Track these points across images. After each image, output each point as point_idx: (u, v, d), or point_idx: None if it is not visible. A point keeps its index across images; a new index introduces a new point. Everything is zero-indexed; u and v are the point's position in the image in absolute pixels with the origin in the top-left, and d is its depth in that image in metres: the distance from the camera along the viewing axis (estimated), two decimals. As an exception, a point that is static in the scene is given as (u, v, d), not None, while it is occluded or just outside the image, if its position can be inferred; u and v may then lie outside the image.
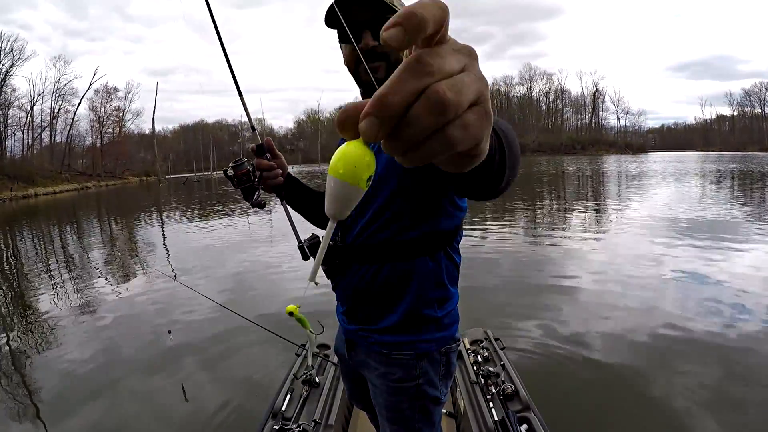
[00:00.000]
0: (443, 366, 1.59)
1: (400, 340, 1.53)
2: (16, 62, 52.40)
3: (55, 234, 17.20)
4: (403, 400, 1.56)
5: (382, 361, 1.57)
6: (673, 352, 4.45)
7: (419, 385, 1.54)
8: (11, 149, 56.07)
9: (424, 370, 1.54)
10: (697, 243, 8.92)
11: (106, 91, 69.88)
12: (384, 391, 1.58)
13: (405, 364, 1.54)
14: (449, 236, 1.53)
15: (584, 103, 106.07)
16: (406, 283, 1.51)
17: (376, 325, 1.57)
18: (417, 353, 1.53)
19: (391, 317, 1.53)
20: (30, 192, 42.85)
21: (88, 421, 3.72)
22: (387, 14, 1.39)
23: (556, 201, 18.65)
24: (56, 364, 4.78)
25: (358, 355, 1.68)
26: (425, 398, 1.56)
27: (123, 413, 3.78)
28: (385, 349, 1.55)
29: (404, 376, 1.54)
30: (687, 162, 46.31)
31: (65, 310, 6.67)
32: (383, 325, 1.55)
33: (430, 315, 1.53)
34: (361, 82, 1.52)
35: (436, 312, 1.54)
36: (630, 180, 27.47)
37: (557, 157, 70.90)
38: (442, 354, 1.58)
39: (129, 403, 3.93)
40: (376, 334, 1.56)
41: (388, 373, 1.56)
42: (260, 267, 8.50)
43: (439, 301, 1.55)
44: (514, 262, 8.25)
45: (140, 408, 3.86)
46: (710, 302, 5.64)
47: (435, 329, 1.55)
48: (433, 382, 1.56)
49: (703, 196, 17.60)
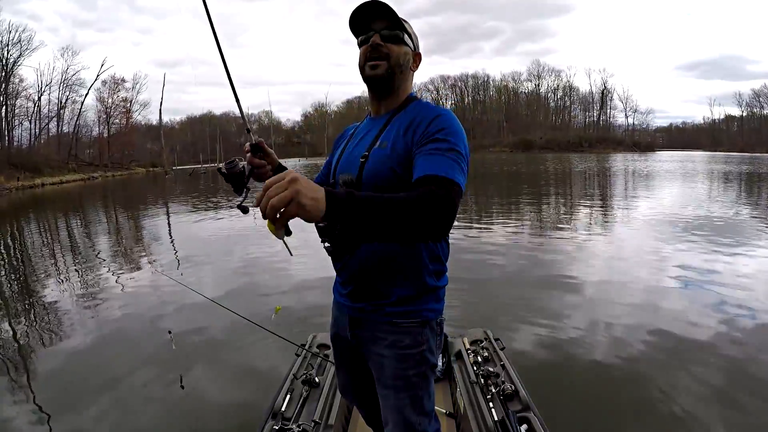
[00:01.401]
0: (439, 336, 1.81)
1: (409, 310, 1.72)
2: (24, 52, 52.51)
3: (60, 224, 17.27)
4: (409, 366, 1.73)
5: (392, 331, 1.74)
6: (675, 353, 4.43)
7: (422, 351, 1.74)
8: (18, 139, 56.35)
9: (427, 337, 1.75)
10: (703, 243, 8.89)
11: (113, 82, 69.86)
12: (393, 359, 1.73)
13: (412, 332, 1.73)
14: None
15: (592, 101, 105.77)
16: (414, 257, 1.70)
17: (387, 298, 1.73)
18: (422, 321, 1.73)
19: (401, 290, 1.72)
20: (36, 182, 42.84)
21: (86, 415, 3.74)
22: (397, 30, 1.69)
23: (561, 199, 18.57)
24: (46, 358, 4.83)
25: (363, 332, 1.82)
26: (426, 364, 1.76)
27: (122, 412, 3.76)
28: (396, 318, 1.73)
29: (411, 342, 1.72)
30: (695, 162, 46.06)
31: (61, 300, 6.73)
32: (395, 297, 1.72)
33: (432, 285, 1.74)
34: (366, 78, 1.74)
35: (436, 282, 1.76)
36: (637, 179, 27.37)
37: (564, 155, 70.50)
38: (438, 324, 1.80)
39: (128, 402, 3.90)
40: (388, 306, 1.73)
41: (397, 341, 1.73)
42: (262, 263, 8.47)
43: (436, 273, 1.76)
44: (517, 260, 8.22)
45: (139, 408, 3.83)
46: (714, 304, 5.61)
47: (434, 300, 1.77)
48: (432, 350, 1.77)
49: (711, 197, 17.52)
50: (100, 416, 3.72)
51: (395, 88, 1.76)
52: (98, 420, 3.68)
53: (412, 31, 1.77)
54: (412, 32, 1.76)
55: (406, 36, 1.72)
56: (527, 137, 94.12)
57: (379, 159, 1.66)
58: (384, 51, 1.69)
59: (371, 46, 1.69)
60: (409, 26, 1.74)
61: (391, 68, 1.70)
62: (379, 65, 1.69)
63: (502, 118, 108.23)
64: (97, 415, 3.72)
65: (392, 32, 1.69)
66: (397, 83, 1.75)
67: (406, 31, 1.72)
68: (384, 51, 1.69)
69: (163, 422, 3.66)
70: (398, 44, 1.70)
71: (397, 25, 1.69)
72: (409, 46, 1.75)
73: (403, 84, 1.77)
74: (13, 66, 52.11)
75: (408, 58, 1.74)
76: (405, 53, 1.72)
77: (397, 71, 1.72)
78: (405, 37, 1.71)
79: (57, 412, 3.78)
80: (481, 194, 20.43)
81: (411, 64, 1.78)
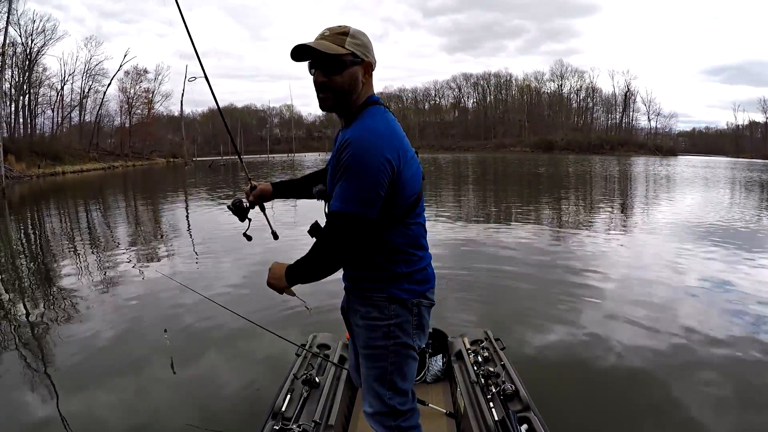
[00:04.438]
0: (416, 317, 1.99)
1: (377, 286, 1.95)
2: (47, 42, 53.03)
3: (80, 211, 17.50)
4: (377, 337, 1.97)
5: (364, 303, 2.00)
6: (677, 356, 4.44)
7: (390, 326, 1.95)
8: (41, 127, 57.01)
9: (396, 312, 1.95)
10: (722, 251, 8.80)
11: (136, 73, 70.24)
12: (363, 329, 2.00)
13: (379, 306, 1.95)
14: (401, 216, 1.90)
15: (615, 103, 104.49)
16: (376, 256, 1.93)
17: (362, 280, 2.00)
18: (390, 297, 1.94)
19: (371, 273, 1.96)
20: (57, 170, 43.43)
21: (93, 404, 3.78)
22: (332, 63, 1.81)
23: (579, 202, 18.47)
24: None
25: (351, 303, 2.09)
26: (395, 339, 1.96)
27: (121, 412, 3.75)
28: (367, 293, 1.98)
29: (379, 315, 1.96)
30: (719, 168, 45.48)
31: (72, 289, 6.75)
32: (368, 278, 1.97)
33: (402, 271, 1.94)
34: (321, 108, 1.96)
35: (406, 269, 1.95)
36: (674, 183, 27.14)
37: (586, 157, 70.05)
38: (414, 305, 1.98)
39: (127, 402, 3.89)
40: (364, 283, 1.99)
41: (368, 312, 1.98)
42: (267, 263, 8.35)
43: (405, 261, 1.95)
44: (522, 260, 8.23)
45: (139, 407, 3.82)
46: (718, 311, 5.60)
47: (406, 282, 1.95)
48: (404, 329, 1.97)
49: (733, 204, 17.28)
50: (100, 405, 3.76)
51: (351, 107, 1.89)
52: (99, 408, 3.72)
53: (360, 39, 1.85)
54: (359, 41, 1.85)
55: (348, 56, 1.82)
56: (548, 138, 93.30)
57: (331, 173, 1.90)
58: (327, 85, 1.84)
59: (315, 83, 1.87)
60: (351, 39, 1.83)
61: (339, 96, 1.86)
62: (326, 98, 1.86)
63: (523, 118, 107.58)
64: (97, 405, 3.76)
65: (332, 65, 1.81)
66: (351, 102, 1.89)
67: (344, 56, 1.81)
68: (327, 85, 1.84)
69: (163, 422, 3.64)
70: (339, 73, 1.82)
71: (332, 60, 1.80)
72: (356, 62, 1.84)
73: (357, 100, 1.90)
74: (37, 55, 52.66)
75: (354, 78, 1.85)
76: (350, 76, 1.84)
77: (346, 97, 1.86)
78: (349, 60, 1.82)
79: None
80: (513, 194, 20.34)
81: (362, 78, 1.88)
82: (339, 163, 1.78)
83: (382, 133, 1.80)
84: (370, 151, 1.74)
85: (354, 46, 1.82)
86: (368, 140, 1.75)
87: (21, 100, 52.03)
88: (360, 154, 1.73)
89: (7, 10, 37.27)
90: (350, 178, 1.74)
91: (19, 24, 48.42)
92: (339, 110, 1.91)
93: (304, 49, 1.82)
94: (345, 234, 1.78)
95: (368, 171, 1.73)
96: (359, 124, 1.82)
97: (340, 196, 1.76)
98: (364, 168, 1.73)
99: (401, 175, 1.81)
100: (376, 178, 1.74)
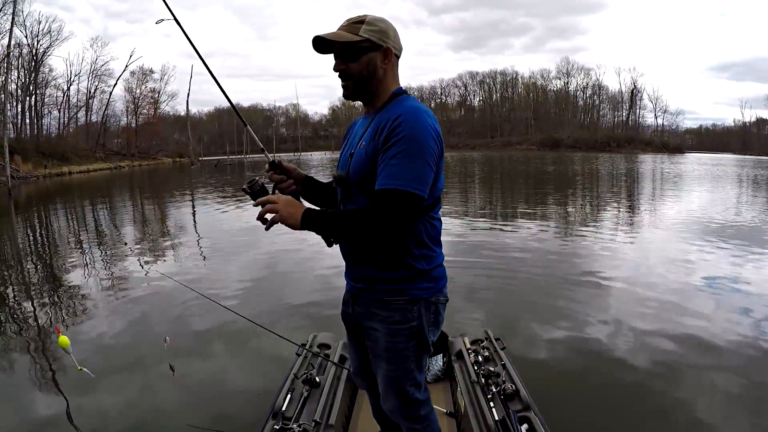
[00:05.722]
0: (432, 314, 1.98)
1: (398, 289, 1.91)
2: (53, 43, 53.21)
3: (87, 211, 17.57)
4: (400, 340, 1.94)
5: (383, 308, 1.94)
6: (683, 357, 4.40)
7: (412, 327, 1.93)
8: (47, 128, 57.25)
9: (418, 313, 1.93)
10: (727, 249, 8.75)
11: (141, 73, 70.47)
12: (384, 334, 1.95)
13: (401, 309, 1.92)
14: (428, 208, 1.87)
15: (621, 100, 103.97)
16: (397, 246, 1.87)
17: (377, 280, 1.93)
18: (411, 299, 1.91)
19: (387, 273, 1.91)
20: (64, 170, 43.52)
21: (95, 403, 3.78)
22: (349, 51, 1.84)
23: (585, 201, 18.41)
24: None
25: (361, 307, 2.03)
26: (417, 338, 1.96)
27: (122, 410, 3.75)
28: (386, 296, 1.93)
29: (401, 319, 1.93)
30: (729, 165, 45.16)
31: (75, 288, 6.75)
32: (384, 278, 1.92)
33: (421, 268, 1.91)
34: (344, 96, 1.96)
35: (425, 266, 1.92)
36: (665, 182, 27.01)
37: (592, 154, 69.76)
38: (432, 303, 1.97)
39: (126, 402, 3.88)
40: (379, 286, 1.94)
41: (388, 317, 1.94)
42: (264, 262, 8.43)
43: (424, 257, 1.92)
44: (528, 259, 8.21)
45: (138, 407, 3.82)
46: (727, 311, 5.54)
47: (426, 280, 1.93)
48: (423, 325, 1.95)
49: (740, 202, 17.18)
50: (100, 407, 3.75)
51: (373, 93, 1.91)
52: (99, 408, 3.72)
53: (377, 26, 1.85)
54: (375, 27, 1.85)
55: (363, 43, 1.83)
56: (555, 135, 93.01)
57: (359, 158, 1.86)
58: (347, 73, 1.87)
59: (335, 70, 1.89)
60: (366, 26, 1.84)
61: (358, 83, 1.88)
62: (347, 85, 1.90)
63: (530, 116, 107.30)
64: (98, 406, 3.76)
65: (347, 53, 1.84)
66: (373, 88, 1.90)
67: (359, 43, 1.83)
68: (347, 73, 1.87)
69: (162, 422, 3.65)
70: (356, 60, 1.84)
71: (347, 47, 1.84)
72: (374, 48, 1.85)
73: (380, 86, 1.90)
74: (43, 56, 52.88)
75: (373, 64, 1.86)
76: (368, 63, 1.85)
77: (366, 83, 1.88)
78: (365, 46, 1.83)
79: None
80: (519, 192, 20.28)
81: (382, 64, 1.88)
82: (390, 141, 1.72)
83: (429, 113, 1.81)
84: (425, 129, 1.74)
85: (369, 33, 1.83)
86: (422, 117, 1.75)
87: (27, 100, 52.41)
88: (418, 129, 1.73)
89: (11, 12, 37.26)
90: (407, 155, 1.70)
91: (25, 25, 48.82)
92: (361, 97, 1.93)
93: (322, 41, 1.85)
94: (399, 212, 1.71)
95: (425, 147, 1.73)
96: (400, 105, 1.82)
97: (395, 174, 1.69)
98: (422, 143, 1.72)
99: (441, 160, 1.84)
100: (432, 156, 1.75)
